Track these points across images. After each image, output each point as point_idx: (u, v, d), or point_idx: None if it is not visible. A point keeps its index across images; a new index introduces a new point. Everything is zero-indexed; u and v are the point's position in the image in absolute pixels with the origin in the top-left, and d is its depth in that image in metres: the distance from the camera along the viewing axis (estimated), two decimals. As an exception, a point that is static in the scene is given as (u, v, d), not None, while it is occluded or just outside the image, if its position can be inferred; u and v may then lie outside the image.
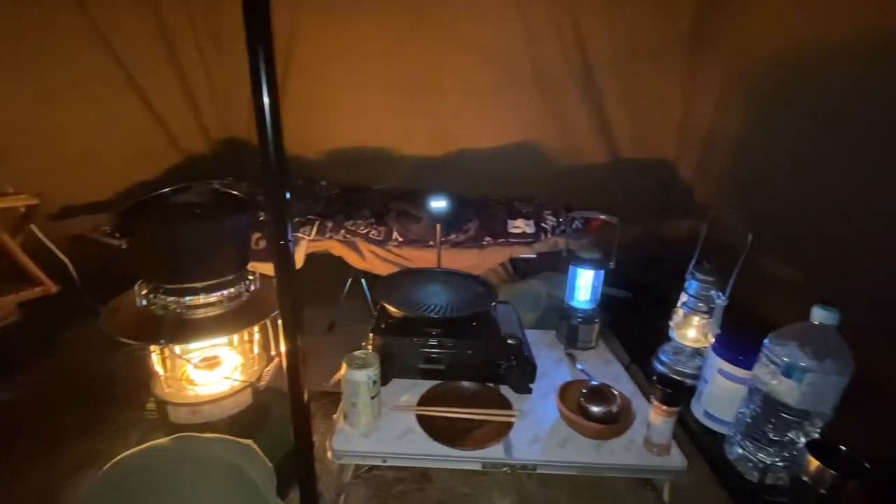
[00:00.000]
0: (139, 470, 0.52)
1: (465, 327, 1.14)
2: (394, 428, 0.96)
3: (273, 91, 0.82)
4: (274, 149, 0.83)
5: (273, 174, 0.84)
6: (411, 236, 1.89)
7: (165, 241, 0.95)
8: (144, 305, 1.02)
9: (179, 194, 1.01)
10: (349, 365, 0.92)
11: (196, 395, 1.08)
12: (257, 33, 0.78)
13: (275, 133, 0.83)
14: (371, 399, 0.94)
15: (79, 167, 2.11)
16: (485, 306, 1.17)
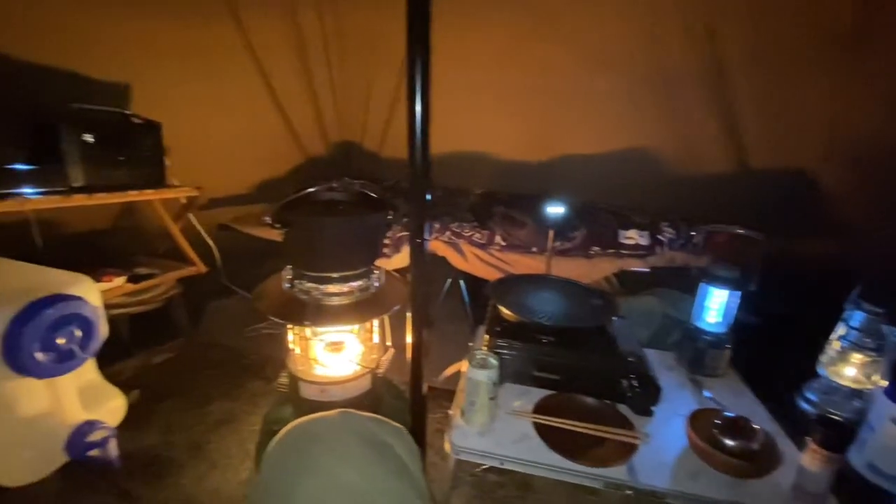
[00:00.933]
0: (313, 436, 0.58)
1: (582, 339, 1.11)
2: (509, 432, 0.96)
3: (426, 100, 0.87)
4: (421, 153, 0.89)
5: (418, 176, 0.90)
6: (515, 241, 1.88)
7: (313, 234, 1.05)
8: (288, 289, 1.14)
9: (326, 192, 1.12)
10: (471, 363, 0.94)
11: (324, 376, 1.18)
12: (417, 46, 0.84)
13: (423, 138, 0.88)
14: (490, 399, 0.95)
15: (222, 165, 2.41)
16: (605, 319, 1.13)
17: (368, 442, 0.57)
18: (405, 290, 1.25)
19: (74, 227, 2.00)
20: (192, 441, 1.37)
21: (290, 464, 0.55)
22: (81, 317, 0.82)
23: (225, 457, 1.32)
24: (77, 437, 0.84)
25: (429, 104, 0.86)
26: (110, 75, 1.85)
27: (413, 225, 0.91)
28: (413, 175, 0.89)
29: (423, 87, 0.84)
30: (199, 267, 1.93)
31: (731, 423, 0.93)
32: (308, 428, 0.60)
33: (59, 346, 0.79)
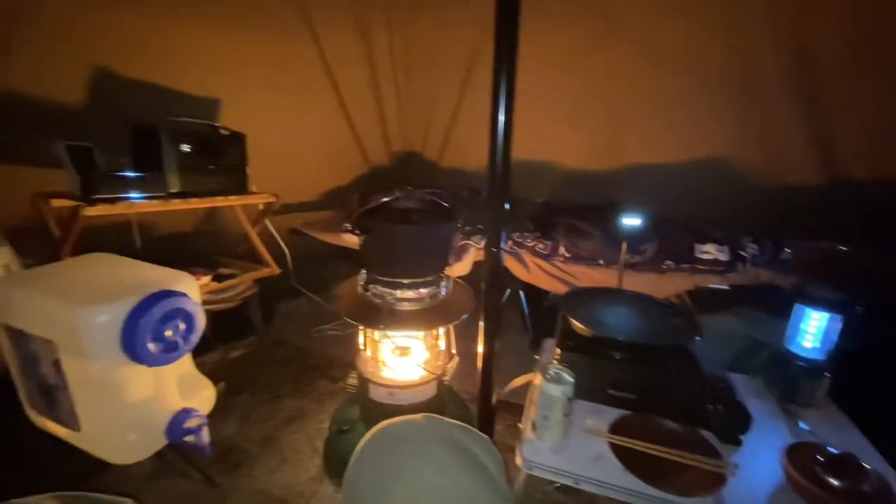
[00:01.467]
0: (402, 438, 0.59)
1: (660, 358, 1.05)
2: (584, 450, 0.93)
3: (509, 111, 0.88)
4: (501, 162, 0.89)
5: (497, 185, 0.90)
6: (580, 253, 1.83)
7: (390, 241, 1.08)
8: (362, 293, 1.18)
9: (401, 201, 1.15)
10: (545, 377, 0.92)
11: (393, 379, 1.20)
12: (504, 58, 0.84)
13: (505, 148, 0.88)
14: (564, 416, 0.92)
15: (294, 173, 2.55)
16: (687, 338, 1.07)
17: (455, 448, 0.57)
18: (472, 299, 1.25)
19: (165, 228, 2.19)
20: (264, 435, 1.45)
21: (379, 465, 0.56)
22: (185, 311, 0.90)
23: (295, 452, 1.38)
24: (175, 422, 0.92)
25: (512, 114, 0.86)
26: (203, 91, 2.02)
27: (491, 234, 0.92)
28: (492, 184, 0.89)
29: (508, 98, 0.85)
30: (274, 268, 2.05)
31: (837, 461, 0.84)
32: (396, 430, 0.61)
33: (167, 338, 0.86)
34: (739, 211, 1.99)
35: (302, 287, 2.44)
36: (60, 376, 0.81)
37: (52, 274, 0.90)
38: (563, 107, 2.46)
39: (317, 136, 2.64)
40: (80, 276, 0.89)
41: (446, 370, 1.26)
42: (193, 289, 0.96)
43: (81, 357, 0.78)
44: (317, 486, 1.26)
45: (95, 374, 0.79)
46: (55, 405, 0.86)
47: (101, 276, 0.89)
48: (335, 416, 1.38)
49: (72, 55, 1.62)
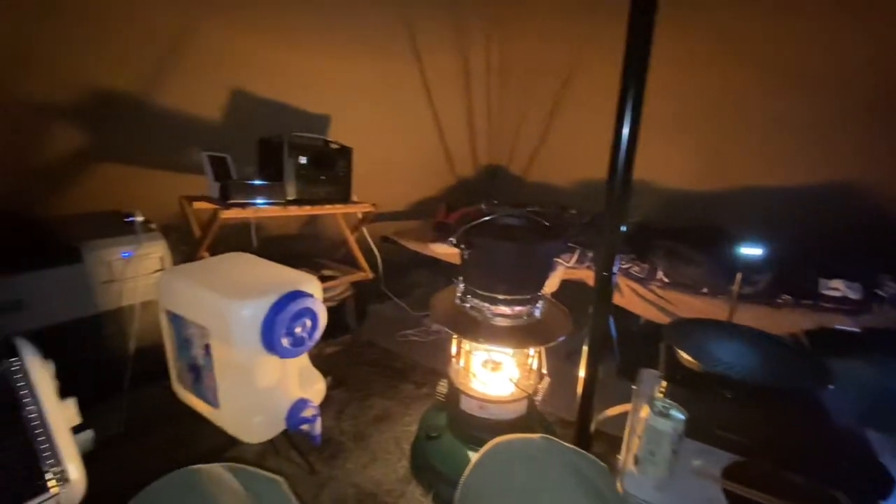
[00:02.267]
0: (526, 457, 0.60)
1: (782, 403, 0.96)
2: (692, 492, 0.87)
3: (635, 127, 0.87)
4: (621, 182, 0.88)
5: (614, 206, 0.89)
6: (681, 279, 1.73)
7: (493, 256, 1.11)
8: (459, 304, 1.22)
9: (504, 217, 1.17)
10: (653, 410, 0.89)
11: (485, 393, 1.22)
12: (633, 73, 0.84)
13: (626, 167, 0.87)
14: (672, 452, 0.88)
15: (388, 184, 2.69)
16: (817, 385, 0.97)
17: (578, 475, 0.57)
18: (568, 321, 1.24)
19: (273, 230, 2.43)
20: (357, 430, 1.54)
21: (505, 480, 0.58)
22: (311, 310, 1.00)
23: (384, 451, 1.45)
24: (294, 410, 1.02)
25: (638, 132, 0.85)
26: (317, 109, 2.23)
27: (603, 256, 0.91)
28: (609, 204, 0.88)
29: (634, 114, 0.83)
30: (368, 273, 2.18)
31: None
32: (520, 446, 0.63)
33: (296, 333, 0.97)
34: (876, 245, 1.76)
35: (389, 292, 2.58)
36: (209, 358, 0.94)
37: (204, 269, 1.05)
38: (666, 123, 2.34)
39: (410, 149, 2.77)
40: (227, 272, 1.03)
41: (538, 390, 1.25)
42: (318, 290, 1.07)
43: (228, 344, 0.90)
44: (404, 486, 1.31)
45: (237, 359, 0.91)
46: (201, 383, 1.00)
47: (244, 275, 1.03)
48: (423, 422, 1.43)
49: (217, 77, 1.88)
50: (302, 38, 2.00)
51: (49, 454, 0.71)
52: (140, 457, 1.24)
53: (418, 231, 2.71)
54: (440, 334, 2.34)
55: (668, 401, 0.92)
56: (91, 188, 1.73)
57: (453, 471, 1.25)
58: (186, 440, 1.30)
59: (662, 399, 0.92)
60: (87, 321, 1.26)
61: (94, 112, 1.62)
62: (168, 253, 1.42)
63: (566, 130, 2.74)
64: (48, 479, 0.68)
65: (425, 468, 1.30)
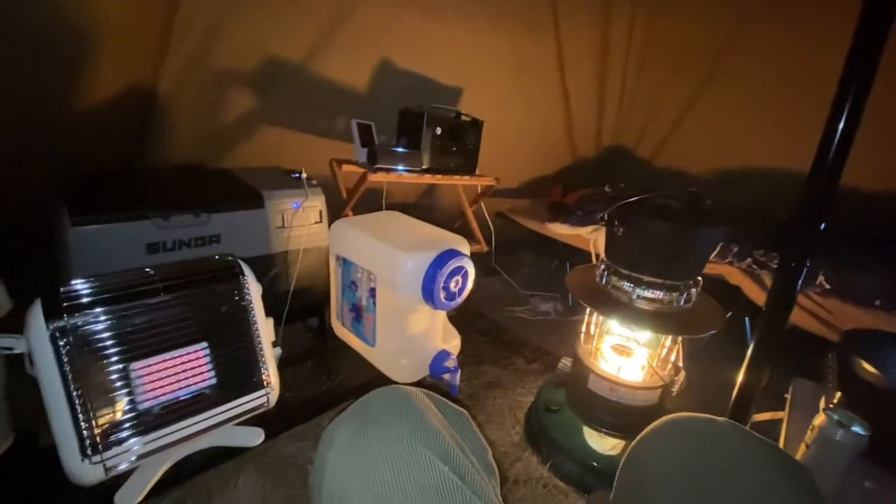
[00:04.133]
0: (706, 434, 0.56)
1: None
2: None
3: (853, 120, 0.77)
4: (829, 175, 0.79)
5: (815, 196, 0.81)
6: (848, 289, 1.51)
7: (647, 235, 1.07)
8: (600, 281, 1.20)
9: (661, 198, 1.12)
10: (830, 419, 0.81)
11: (617, 377, 1.21)
12: (859, 63, 0.74)
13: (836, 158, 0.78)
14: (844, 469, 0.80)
15: (507, 159, 2.69)
16: None
17: (772, 466, 0.52)
18: (721, 316, 1.16)
19: (395, 196, 2.57)
20: (472, 391, 1.61)
21: (672, 458, 0.54)
22: (463, 268, 1.06)
23: (499, 415, 1.51)
24: (437, 360, 1.11)
25: (859, 120, 0.75)
26: (451, 81, 2.29)
27: (792, 252, 0.83)
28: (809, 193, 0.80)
29: (854, 109, 0.74)
30: (483, 246, 2.24)
31: None
32: (693, 424, 0.59)
33: (450, 288, 1.04)
34: None
35: (499, 267, 2.62)
36: (373, 301, 1.06)
37: (368, 222, 1.17)
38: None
39: (533, 125, 2.73)
40: (389, 227, 1.13)
41: (674, 382, 1.20)
42: (467, 250, 1.13)
43: (391, 289, 1.00)
44: (520, 452, 1.36)
45: (397, 305, 1.01)
46: (360, 323, 1.13)
47: (405, 231, 1.12)
48: (541, 395, 1.45)
49: (368, 48, 2.01)
50: (442, 6, 2.05)
51: (262, 360, 0.86)
52: (303, 379, 1.43)
53: (532, 210, 2.69)
54: (548, 315, 2.33)
55: (848, 412, 0.83)
56: (258, 147, 1.98)
57: (571, 445, 1.26)
58: (340, 370, 1.47)
59: (842, 410, 0.84)
60: (262, 259, 1.48)
61: (262, 78, 1.83)
62: (325, 207, 1.59)
63: (707, 115, 2.49)
64: (264, 378, 0.83)
65: (541, 438, 1.34)
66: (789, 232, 0.80)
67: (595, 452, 1.24)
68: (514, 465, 1.31)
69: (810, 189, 0.80)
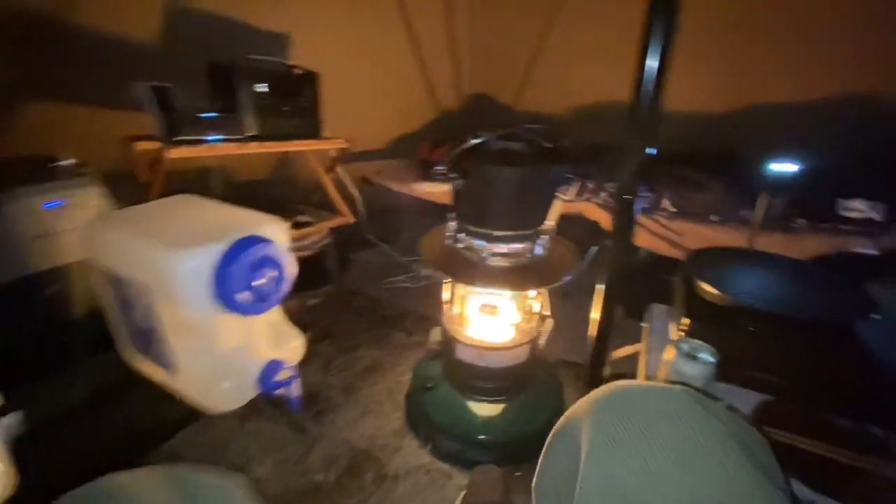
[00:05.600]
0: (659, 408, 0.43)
1: (817, 336, 0.86)
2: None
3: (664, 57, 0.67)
4: (651, 100, 0.70)
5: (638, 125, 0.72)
6: (690, 208, 1.59)
7: (488, 185, 0.94)
8: (451, 244, 1.06)
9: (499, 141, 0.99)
10: (679, 351, 0.77)
11: (482, 340, 1.11)
12: None
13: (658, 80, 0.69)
14: (699, 399, 0.77)
15: (364, 119, 2.42)
16: (860, 315, 0.86)
17: (733, 441, 0.40)
18: (575, 259, 1.10)
19: (242, 175, 2.19)
20: (346, 383, 1.44)
21: (625, 437, 0.41)
22: (272, 259, 0.84)
23: (376, 403, 1.36)
24: (267, 373, 0.89)
25: (671, 42, 0.66)
26: (273, 25, 1.92)
27: (624, 181, 0.74)
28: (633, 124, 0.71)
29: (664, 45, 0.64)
30: (349, 217, 2.00)
31: None
32: (645, 397, 0.45)
33: (258, 287, 0.81)
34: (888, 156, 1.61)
35: (373, 237, 2.41)
36: (154, 319, 0.79)
37: (141, 215, 0.87)
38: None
39: (388, 79, 2.49)
40: (169, 218, 0.85)
41: (541, 334, 1.14)
42: (282, 234, 0.90)
43: (173, 301, 0.75)
44: (400, 440, 1.23)
45: (188, 319, 0.76)
46: (153, 348, 0.86)
47: (189, 220, 0.85)
48: (417, 372, 1.32)
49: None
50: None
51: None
52: (90, 436, 1.10)
53: (401, 170, 2.49)
54: (432, 278, 2.21)
55: (696, 341, 0.80)
56: (20, 130, 1.47)
57: (452, 422, 1.16)
58: (145, 414, 1.17)
59: (689, 339, 0.80)
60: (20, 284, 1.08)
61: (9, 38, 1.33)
62: (108, 202, 1.22)
63: (558, 52, 2.47)
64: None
65: (421, 420, 1.22)
66: (619, 160, 0.71)
67: (476, 424, 1.15)
68: (394, 458, 1.17)
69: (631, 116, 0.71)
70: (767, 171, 1.20)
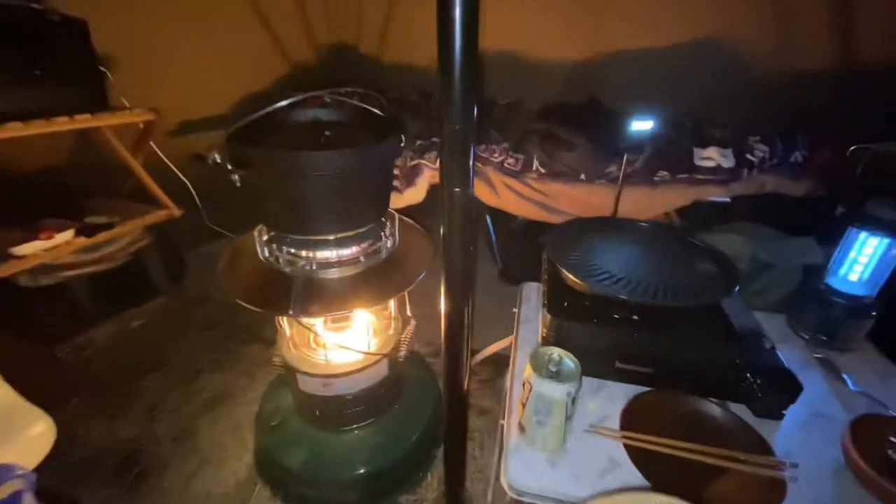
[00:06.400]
0: None
1: (684, 317, 0.79)
2: (592, 457, 0.68)
3: None
4: (464, 41, 0.49)
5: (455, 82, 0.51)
6: (558, 167, 1.49)
7: (292, 177, 0.68)
8: (267, 258, 0.80)
9: (303, 110, 0.73)
10: (536, 370, 0.64)
11: (328, 365, 0.89)
12: None
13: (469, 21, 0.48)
14: (566, 420, 0.65)
15: (193, 80, 1.95)
16: (723, 293, 0.79)
17: None
18: (429, 245, 0.92)
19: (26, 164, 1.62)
20: (178, 428, 1.15)
21: None
22: None
23: (219, 448, 1.10)
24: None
25: None
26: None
27: (449, 151, 0.54)
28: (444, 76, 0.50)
29: None
30: (172, 210, 1.59)
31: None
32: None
33: None
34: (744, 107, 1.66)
35: (220, 227, 2.00)
36: None
37: None
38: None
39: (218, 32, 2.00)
40: None
41: (401, 343, 0.96)
42: None
43: None
44: (247, 492, 1.00)
45: None
46: None
47: None
48: (264, 405, 1.08)
49: None
50: None
51: None
52: None
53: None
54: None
55: (556, 351, 0.67)
56: None
57: (306, 464, 0.95)
58: None
59: (548, 350, 0.67)
60: None
61: None
62: None
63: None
64: None
65: (270, 465, 0.99)
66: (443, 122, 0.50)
67: (336, 460, 0.96)
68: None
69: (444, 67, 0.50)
70: (628, 130, 1.10)
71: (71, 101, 1.28)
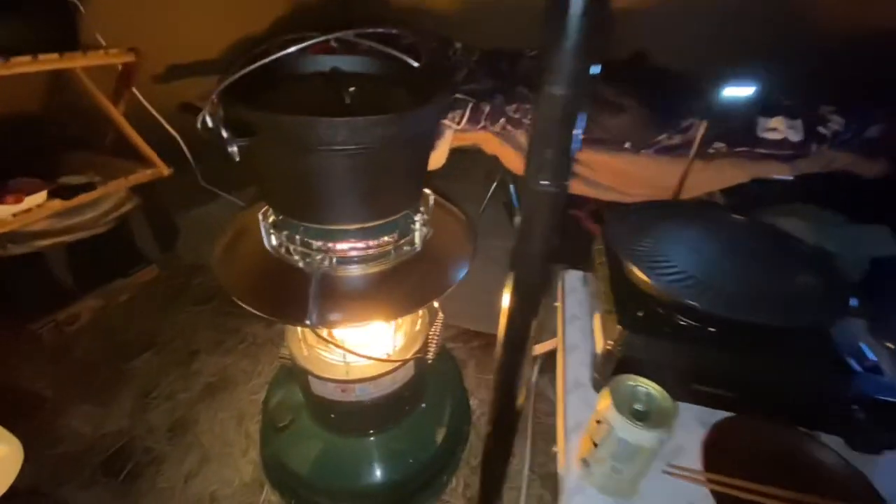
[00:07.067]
0: None
1: (780, 334, 0.65)
2: (664, 501, 0.57)
3: None
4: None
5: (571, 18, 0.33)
6: (602, 133, 1.31)
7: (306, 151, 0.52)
8: (275, 247, 0.65)
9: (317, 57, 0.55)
10: (619, 408, 0.51)
11: (346, 367, 0.76)
12: None
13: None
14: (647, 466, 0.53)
15: (180, 17, 1.70)
16: (833, 315, 0.65)
17: None
18: (469, 234, 0.77)
19: None
20: (174, 418, 1.04)
21: None
22: None
23: (221, 444, 0.99)
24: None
25: None
26: None
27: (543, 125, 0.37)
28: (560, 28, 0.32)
29: None
30: (160, 167, 1.41)
31: None
32: None
33: None
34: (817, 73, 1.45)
35: (215, 186, 1.82)
36: None
37: None
38: None
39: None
40: None
41: (429, 342, 0.83)
42: None
43: None
44: (254, 496, 0.90)
45: None
46: None
47: None
48: (270, 398, 0.96)
49: None
50: None
51: None
52: None
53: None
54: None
55: (644, 385, 0.54)
56: None
57: (318, 471, 0.85)
58: None
59: (633, 382, 0.54)
60: None
61: None
62: None
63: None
64: None
65: (277, 469, 0.89)
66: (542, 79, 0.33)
67: (351, 469, 0.86)
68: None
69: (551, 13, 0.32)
70: (714, 97, 0.92)
71: (35, 38, 1.08)
